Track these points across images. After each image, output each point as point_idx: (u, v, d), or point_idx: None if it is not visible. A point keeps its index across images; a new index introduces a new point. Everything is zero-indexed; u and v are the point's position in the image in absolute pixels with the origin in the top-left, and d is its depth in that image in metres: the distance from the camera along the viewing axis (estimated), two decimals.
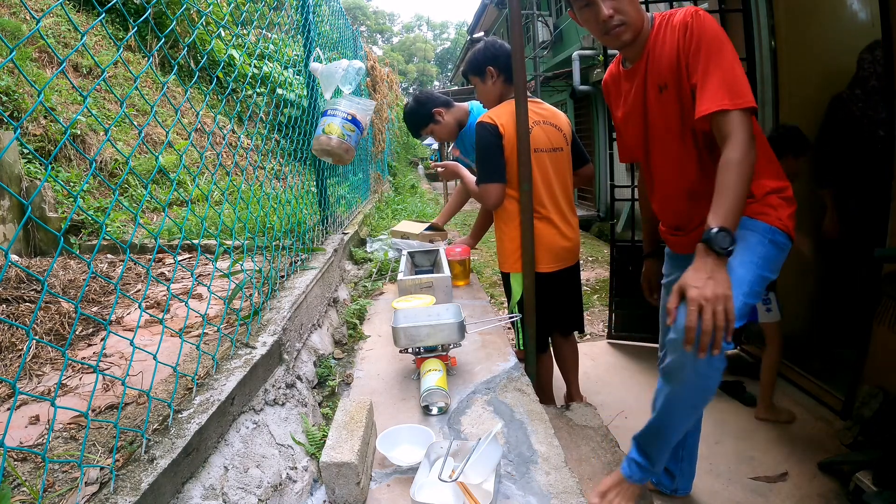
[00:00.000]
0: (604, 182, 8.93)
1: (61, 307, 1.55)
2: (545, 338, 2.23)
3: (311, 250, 2.14)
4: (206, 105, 1.77)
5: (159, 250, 2.26)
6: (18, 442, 0.95)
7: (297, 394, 1.34)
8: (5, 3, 3.86)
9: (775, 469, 2.07)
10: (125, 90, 3.95)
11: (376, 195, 5.55)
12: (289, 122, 2.21)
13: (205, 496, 0.89)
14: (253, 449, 1.06)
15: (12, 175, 2.50)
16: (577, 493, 1.04)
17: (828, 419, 2.35)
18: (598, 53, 8.47)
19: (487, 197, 1.96)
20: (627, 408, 2.60)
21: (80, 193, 1.36)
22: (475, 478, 1.01)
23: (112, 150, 3.26)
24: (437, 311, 1.59)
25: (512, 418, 1.31)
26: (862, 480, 1.81)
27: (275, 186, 2.20)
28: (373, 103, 1.93)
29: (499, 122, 1.90)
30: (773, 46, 2.84)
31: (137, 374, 1.19)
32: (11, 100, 2.99)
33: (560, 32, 10.80)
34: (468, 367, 1.60)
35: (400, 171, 10.39)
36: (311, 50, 2.34)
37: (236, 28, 2.77)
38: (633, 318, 3.18)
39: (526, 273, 1.92)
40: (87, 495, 0.77)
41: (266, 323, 1.39)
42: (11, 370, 1.24)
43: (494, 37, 2.17)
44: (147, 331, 1.52)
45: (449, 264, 2.31)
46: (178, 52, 4.68)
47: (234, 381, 1.08)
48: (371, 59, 5.64)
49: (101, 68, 0.86)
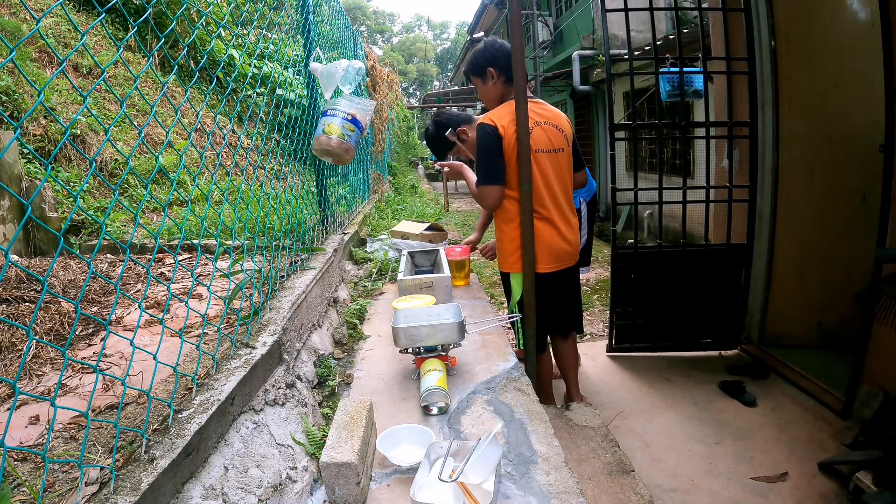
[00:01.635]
0: (604, 182, 8.93)
1: (61, 307, 1.55)
2: (545, 338, 2.23)
3: (311, 250, 2.14)
4: (206, 105, 1.77)
5: (159, 250, 2.26)
6: (18, 442, 0.95)
7: (297, 394, 1.34)
8: (5, 3, 3.86)
9: (775, 469, 2.07)
10: (125, 90, 3.95)
11: (376, 195, 5.55)
12: (289, 122, 2.21)
13: (205, 496, 0.89)
14: (253, 449, 1.06)
15: (12, 175, 2.50)
16: (577, 493, 1.04)
17: (828, 419, 2.35)
18: (597, 53, 8.48)
19: (486, 198, 1.95)
20: (627, 408, 2.60)
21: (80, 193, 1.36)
22: (475, 478, 1.01)
23: (112, 150, 3.26)
24: (437, 311, 1.59)
25: (512, 418, 1.31)
26: (862, 480, 1.81)
27: (275, 186, 2.20)
28: (373, 103, 1.93)
29: (499, 123, 1.90)
30: (773, 46, 2.84)
31: (137, 374, 1.19)
32: (11, 100, 2.99)
33: (560, 32, 10.80)
34: (468, 367, 1.60)
35: (400, 171, 10.39)
36: (311, 50, 2.34)
37: (236, 28, 2.77)
38: (634, 329, 3.09)
39: (526, 273, 1.92)
40: (87, 495, 0.77)
41: (266, 323, 1.39)
42: (11, 370, 1.24)
43: (494, 37, 2.16)
44: (147, 331, 1.52)
45: (449, 264, 2.31)
46: (178, 52, 4.68)
47: (234, 381, 1.08)
48: (371, 59, 5.64)
49: (101, 68, 0.86)
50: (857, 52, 2.64)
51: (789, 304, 3.00)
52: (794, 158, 2.88)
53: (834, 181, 2.83)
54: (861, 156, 2.57)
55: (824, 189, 2.85)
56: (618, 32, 6.53)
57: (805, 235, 2.91)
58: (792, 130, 2.87)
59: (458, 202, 11.70)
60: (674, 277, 2.97)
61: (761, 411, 2.50)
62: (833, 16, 2.82)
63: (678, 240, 3.06)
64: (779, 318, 3.03)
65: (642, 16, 2.98)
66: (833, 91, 2.77)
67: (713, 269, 2.98)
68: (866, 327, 2.19)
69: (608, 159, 3.22)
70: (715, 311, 3.03)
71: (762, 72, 2.89)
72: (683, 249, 2.96)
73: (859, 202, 2.75)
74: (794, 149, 2.88)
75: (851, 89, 2.72)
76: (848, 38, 2.74)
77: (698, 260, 2.96)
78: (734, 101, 2.93)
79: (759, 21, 2.86)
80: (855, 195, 2.77)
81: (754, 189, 2.93)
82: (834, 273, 2.88)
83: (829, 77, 2.77)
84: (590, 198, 2.70)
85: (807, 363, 2.73)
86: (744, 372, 2.84)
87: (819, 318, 2.98)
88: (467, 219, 8.99)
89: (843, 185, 2.81)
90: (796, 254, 2.95)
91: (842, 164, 2.79)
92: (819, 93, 2.79)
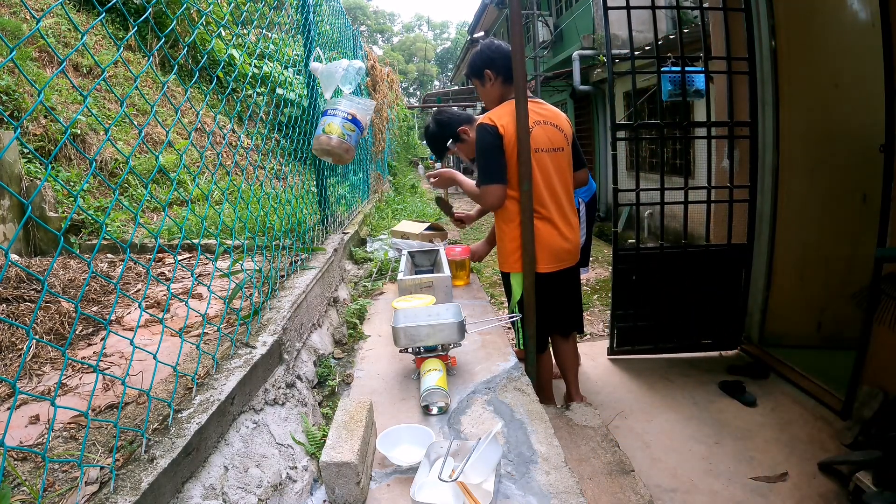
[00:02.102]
0: (604, 182, 8.93)
1: (61, 307, 1.55)
2: (545, 338, 2.23)
3: (311, 250, 2.13)
4: (206, 105, 1.77)
5: (159, 250, 2.25)
6: (18, 441, 0.95)
7: (297, 393, 1.34)
8: (5, 2, 3.86)
9: (775, 469, 2.07)
10: (125, 90, 3.95)
11: (376, 195, 5.55)
12: (289, 122, 2.21)
13: (205, 496, 0.89)
14: (253, 448, 1.06)
15: (12, 174, 2.50)
16: (577, 493, 1.04)
17: (828, 419, 2.35)
18: (598, 53, 8.48)
19: (488, 198, 1.95)
20: (627, 408, 2.60)
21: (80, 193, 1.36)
22: (475, 478, 1.01)
23: (112, 150, 3.26)
24: (437, 310, 1.59)
25: (512, 418, 1.31)
26: (862, 480, 1.81)
27: (275, 186, 2.20)
28: (373, 103, 1.93)
29: (499, 123, 1.90)
30: (773, 46, 2.84)
31: (137, 374, 1.19)
32: (12, 99, 2.99)
33: (560, 32, 10.80)
34: (468, 367, 1.60)
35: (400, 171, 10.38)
36: (311, 49, 2.34)
37: (236, 28, 2.77)
38: (635, 331, 3.07)
39: (526, 273, 1.92)
40: (87, 495, 0.77)
41: (266, 323, 1.39)
42: (11, 370, 1.24)
43: (492, 38, 2.17)
44: (147, 330, 1.52)
45: (449, 264, 2.31)
46: (178, 51, 4.68)
47: (234, 380, 1.08)
48: (371, 58, 5.63)
49: (102, 68, 0.86)
50: (857, 52, 2.64)
51: (789, 304, 3.00)
52: (795, 158, 2.88)
53: (834, 181, 2.82)
54: (861, 156, 2.57)
55: (824, 189, 2.85)
56: (618, 32, 6.52)
57: (805, 235, 2.91)
58: (792, 130, 2.87)
59: (459, 202, 11.67)
60: (675, 278, 2.96)
61: (761, 411, 2.50)
62: (833, 16, 2.82)
63: (678, 240, 3.06)
64: (779, 318, 3.03)
65: (642, 16, 2.97)
66: (833, 91, 2.77)
67: (714, 270, 2.97)
68: (866, 327, 2.19)
69: (609, 159, 3.21)
70: (715, 311, 3.03)
71: (762, 72, 2.89)
72: (685, 250, 2.96)
73: (859, 202, 2.75)
74: (794, 149, 2.88)
75: (851, 89, 2.71)
76: (848, 38, 2.74)
77: (699, 260, 2.96)
78: (735, 100, 2.93)
79: (760, 21, 2.86)
80: (855, 195, 2.77)
81: (754, 189, 2.93)
82: (834, 273, 2.88)
83: (829, 77, 2.77)
84: (589, 198, 2.70)
85: (807, 363, 2.73)
86: (744, 372, 2.84)
87: (819, 318, 2.98)
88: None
89: (843, 185, 2.81)
90: (796, 254, 2.95)
91: (842, 164, 2.79)
92: (819, 93, 2.79)
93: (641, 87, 5.50)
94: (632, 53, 2.83)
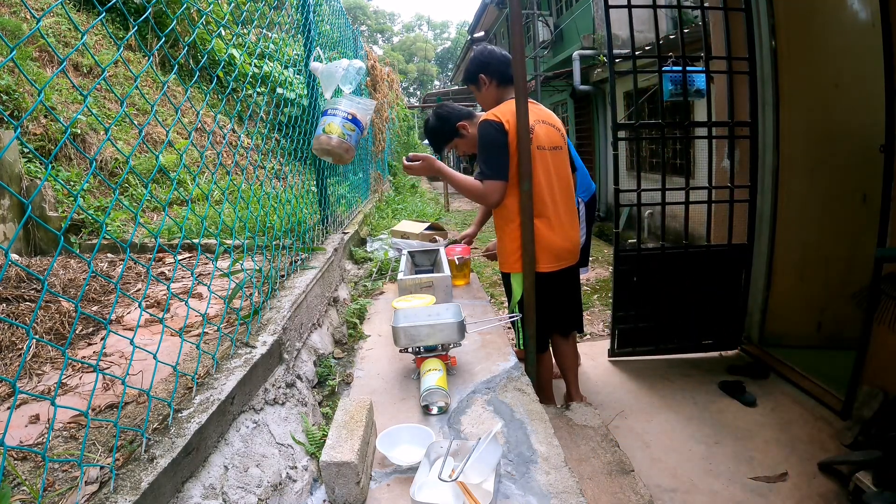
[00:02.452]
0: (605, 182, 8.93)
1: (61, 306, 1.55)
2: (545, 338, 2.22)
3: (311, 250, 2.13)
4: (206, 104, 1.77)
5: (159, 249, 2.25)
6: (18, 441, 0.95)
7: (297, 393, 1.34)
8: (5, 2, 3.86)
9: (775, 469, 2.07)
10: (125, 89, 3.95)
11: (376, 195, 5.54)
12: (289, 122, 2.21)
13: (205, 495, 0.89)
14: (253, 448, 1.06)
15: (12, 174, 2.50)
16: (577, 493, 1.04)
17: (828, 419, 2.35)
18: (598, 53, 8.48)
19: (490, 195, 1.93)
20: (627, 408, 2.60)
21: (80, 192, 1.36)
22: (475, 477, 1.01)
23: (112, 150, 3.26)
24: (437, 310, 1.59)
25: (512, 418, 1.31)
26: (862, 480, 1.81)
27: (275, 186, 2.20)
28: (373, 103, 1.93)
29: (503, 118, 1.89)
30: (773, 46, 2.84)
31: (137, 374, 1.20)
32: (12, 99, 2.99)
33: (560, 32, 10.80)
34: (468, 367, 1.60)
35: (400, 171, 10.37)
36: (311, 49, 2.34)
37: (236, 27, 2.77)
38: (636, 332, 3.07)
39: (526, 273, 1.92)
40: (87, 494, 0.77)
41: (266, 322, 1.39)
42: (11, 369, 1.24)
43: (485, 44, 2.19)
44: (147, 330, 1.52)
45: (449, 264, 2.31)
46: (178, 51, 4.68)
47: (234, 380, 1.08)
48: (371, 58, 5.63)
49: (102, 67, 0.86)
50: (857, 52, 2.64)
51: (789, 304, 3.00)
52: (795, 158, 2.88)
53: (834, 181, 2.82)
54: (861, 156, 2.57)
55: (824, 189, 2.85)
56: (619, 32, 6.52)
57: (805, 235, 2.91)
58: (792, 130, 2.87)
59: (459, 202, 11.69)
60: (675, 278, 2.96)
61: (761, 411, 2.50)
62: (833, 16, 2.82)
63: (678, 240, 3.06)
64: (779, 319, 3.03)
65: (643, 16, 2.97)
66: (833, 91, 2.77)
67: (714, 270, 2.97)
68: (866, 327, 2.19)
69: (609, 159, 3.22)
70: (716, 311, 3.03)
71: (763, 71, 2.89)
72: (686, 250, 2.96)
73: (859, 202, 2.75)
74: (794, 149, 2.87)
75: (851, 89, 2.71)
76: (848, 38, 2.74)
77: (700, 260, 2.96)
78: (735, 100, 2.93)
79: (760, 21, 2.86)
80: (855, 195, 2.77)
81: (755, 189, 2.93)
82: (834, 273, 2.88)
83: (829, 77, 2.77)
84: (588, 198, 2.70)
85: (807, 363, 2.73)
86: (744, 372, 2.84)
87: (819, 318, 2.98)
88: (467, 218, 8.99)
89: (843, 185, 2.80)
90: (796, 254, 2.95)
91: (842, 164, 2.79)
92: (819, 93, 2.78)
93: (642, 86, 5.51)
94: (633, 53, 2.83)
